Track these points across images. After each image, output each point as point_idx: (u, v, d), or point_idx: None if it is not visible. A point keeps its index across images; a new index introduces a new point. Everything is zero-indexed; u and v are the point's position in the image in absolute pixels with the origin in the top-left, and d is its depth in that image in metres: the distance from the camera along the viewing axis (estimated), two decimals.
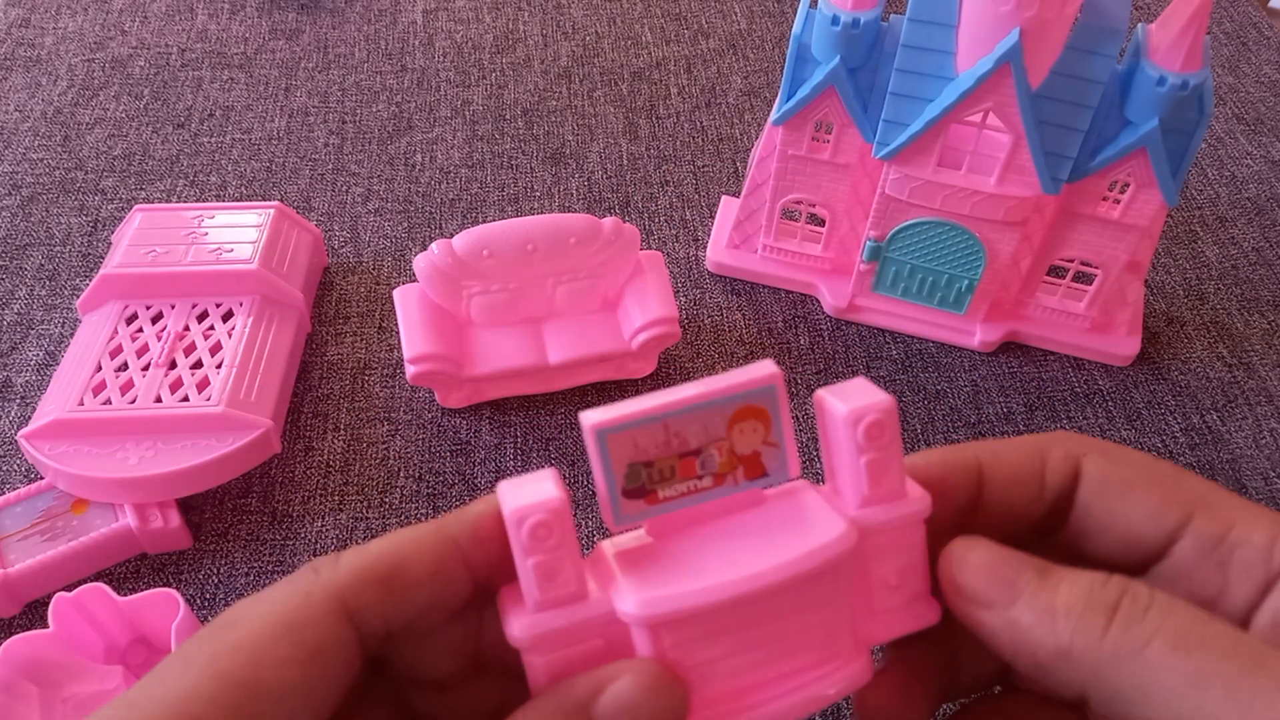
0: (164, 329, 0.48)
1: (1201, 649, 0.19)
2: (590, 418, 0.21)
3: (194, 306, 0.49)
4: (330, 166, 0.63)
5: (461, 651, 0.23)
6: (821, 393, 0.22)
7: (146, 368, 0.46)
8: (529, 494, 0.20)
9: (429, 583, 0.21)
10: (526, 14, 0.76)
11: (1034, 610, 0.20)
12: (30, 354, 0.52)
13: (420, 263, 0.48)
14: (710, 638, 0.21)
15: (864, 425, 0.21)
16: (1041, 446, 0.24)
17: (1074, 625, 0.20)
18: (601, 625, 0.21)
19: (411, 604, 0.21)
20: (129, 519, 0.43)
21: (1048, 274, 0.52)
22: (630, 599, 0.20)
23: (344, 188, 0.62)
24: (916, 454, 0.24)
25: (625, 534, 0.22)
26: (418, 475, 0.48)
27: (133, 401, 0.45)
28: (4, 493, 0.45)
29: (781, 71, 0.55)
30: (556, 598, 0.20)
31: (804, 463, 0.48)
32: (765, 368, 0.21)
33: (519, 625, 0.20)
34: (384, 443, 0.49)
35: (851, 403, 0.21)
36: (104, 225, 0.59)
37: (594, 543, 0.22)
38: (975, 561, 0.21)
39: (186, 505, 0.45)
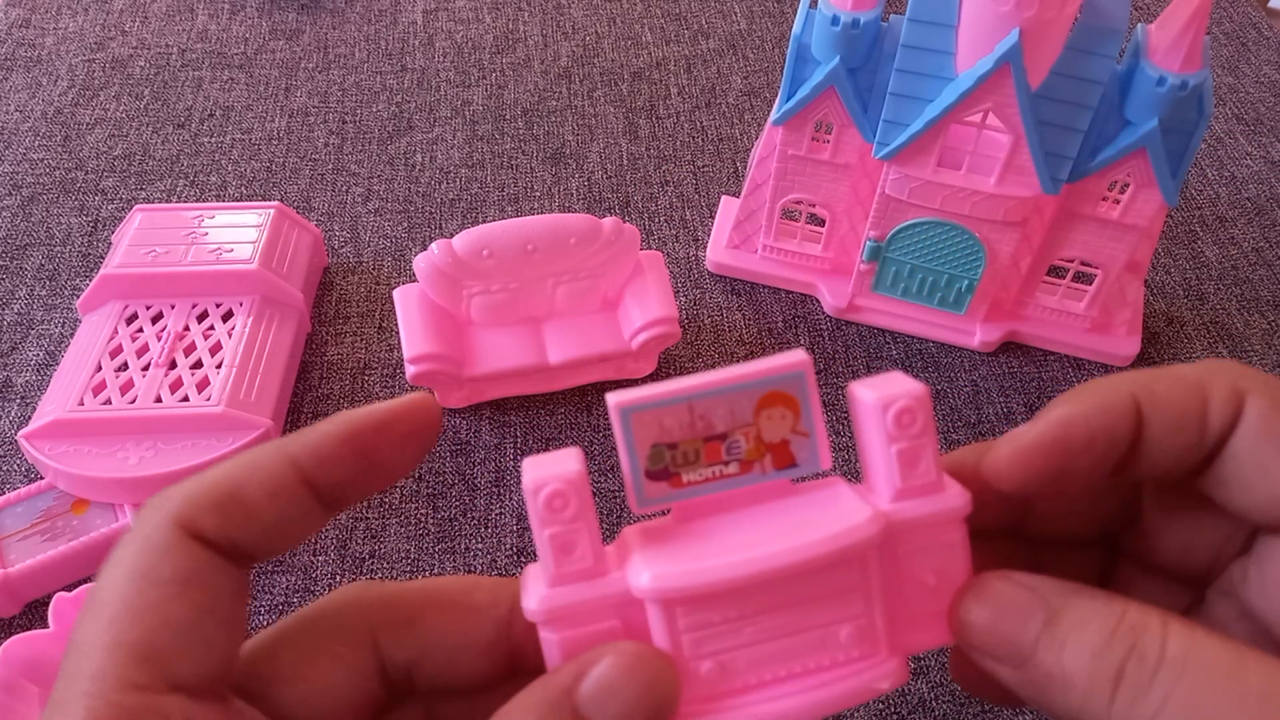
0: (164, 329, 0.48)
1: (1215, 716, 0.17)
2: (615, 397, 0.21)
3: (194, 306, 0.49)
4: (330, 166, 0.63)
5: (493, 654, 0.23)
6: (854, 385, 0.22)
7: (146, 368, 0.46)
8: (548, 467, 0.20)
9: (269, 504, 0.20)
10: (526, 14, 0.76)
11: (1042, 674, 0.20)
12: (30, 354, 0.52)
13: (420, 263, 0.48)
14: (729, 624, 0.20)
15: (893, 412, 0.21)
16: (1202, 381, 0.21)
17: (1081, 696, 0.19)
18: (619, 605, 0.20)
19: (254, 525, 0.20)
20: (129, 519, 0.43)
21: (1047, 274, 0.52)
22: (644, 573, 0.20)
23: (344, 188, 0.62)
24: (1063, 399, 0.22)
25: (653, 520, 0.22)
26: (418, 475, 0.48)
27: (133, 401, 0.45)
28: (4, 493, 0.45)
29: (781, 71, 0.55)
30: (573, 572, 0.20)
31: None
32: (796, 355, 0.21)
33: (534, 598, 0.21)
34: None
35: (881, 391, 0.21)
36: (104, 225, 0.59)
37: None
38: (979, 623, 0.21)
39: None
